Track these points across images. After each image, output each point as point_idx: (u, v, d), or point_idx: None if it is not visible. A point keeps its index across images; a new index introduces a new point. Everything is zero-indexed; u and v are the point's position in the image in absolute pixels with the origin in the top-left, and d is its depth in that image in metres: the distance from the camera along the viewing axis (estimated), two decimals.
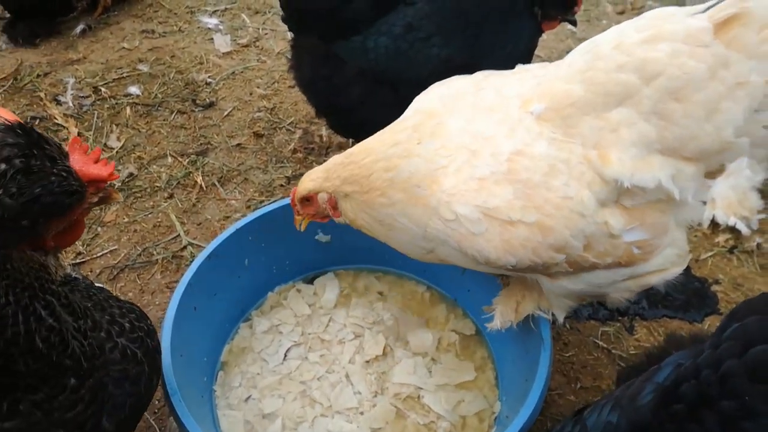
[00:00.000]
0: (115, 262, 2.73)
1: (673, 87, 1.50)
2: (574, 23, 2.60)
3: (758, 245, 2.74)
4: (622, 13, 4.51)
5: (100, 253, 2.76)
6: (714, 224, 2.80)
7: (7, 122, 1.22)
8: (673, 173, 1.55)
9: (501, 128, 1.67)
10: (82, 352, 1.41)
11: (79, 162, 1.33)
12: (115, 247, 2.80)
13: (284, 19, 2.77)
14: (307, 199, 1.92)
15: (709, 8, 1.51)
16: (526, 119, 1.66)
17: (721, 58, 1.47)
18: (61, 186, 1.24)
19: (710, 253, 2.73)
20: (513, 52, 2.57)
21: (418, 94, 1.97)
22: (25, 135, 1.22)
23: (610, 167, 1.55)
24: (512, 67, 1.93)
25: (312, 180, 1.89)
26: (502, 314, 1.98)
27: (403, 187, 1.70)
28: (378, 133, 1.85)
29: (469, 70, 1.99)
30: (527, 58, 2.60)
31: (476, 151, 1.65)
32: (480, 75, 1.91)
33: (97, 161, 1.37)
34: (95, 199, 1.42)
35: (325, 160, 3.18)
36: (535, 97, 1.67)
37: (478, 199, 1.60)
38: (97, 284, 1.76)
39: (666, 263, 1.70)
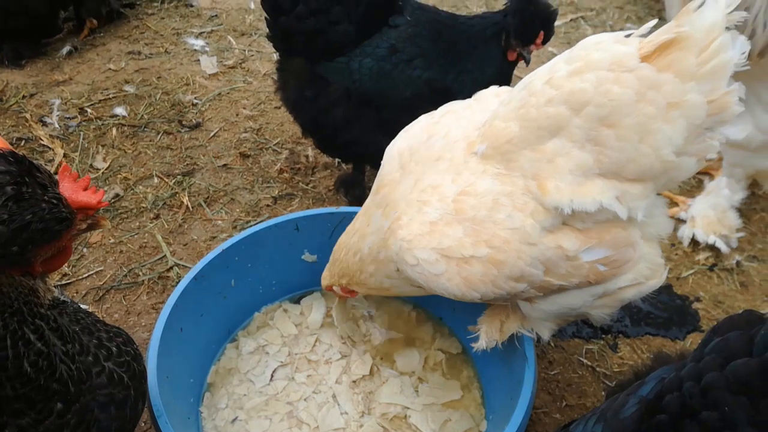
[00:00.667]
0: (101, 283, 2.72)
1: (602, 114, 1.54)
2: (527, 61, 2.66)
3: (738, 263, 2.80)
4: None
5: (86, 275, 2.75)
6: (694, 242, 2.88)
7: None
8: (617, 194, 1.59)
9: (447, 176, 1.76)
10: (69, 376, 1.40)
11: (68, 189, 1.35)
12: (101, 268, 2.79)
13: (270, 38, 2.80)
14: (330, 290, 2.27)
15: (643, 33, 1.56)
16: (471, 160, 1.75)
17: (649, 80, 1.51)
18: (51, 213, 1.25)
19: (691, 271, 2.77)
20: (479, 78, 2.65)
21: (401, 115, 2.06)
22: (16, 163, 1.23)
23: (548, 196, 1.60)
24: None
25: (324, 278, 2.24)
26: (487, 334, 2.00)
27: (371, 260, 1.96)
28: (347, 227, 2.12)
29: (448, 93, 2.05)
30: (500, 83, 2.67)
31: (426, 201, 1.75)
32: (438, 113, 2.01)
33: (86, 188, 1.39)
34: (84, 226, 1.43)
35: (311, 180, 3.23)
36: (478, 139, 1.76)
37: (432, 241, 1.69)
38: (83, 306, 1.76)
39: (638, 277, 1.73)
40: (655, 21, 1.56)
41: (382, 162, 2.03)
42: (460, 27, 2.68)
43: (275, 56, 4.21)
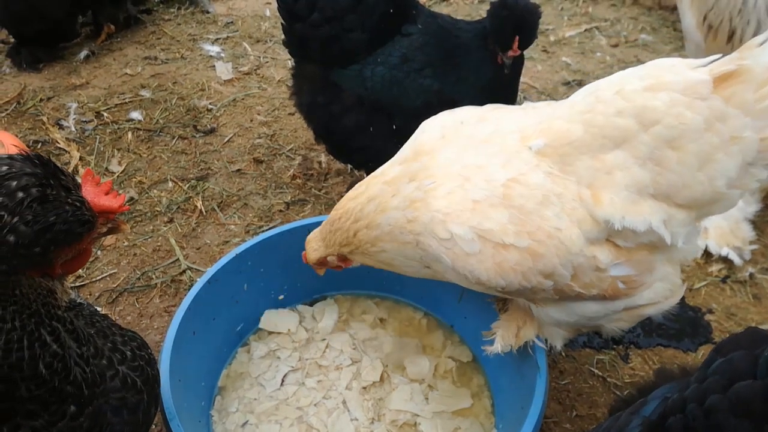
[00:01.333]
0: (114, 285, 2.74)
1: (670, 135, 1.55)
2: (506, 67, 2.59)
3: (751, 275, 2.78)
4: (615, 46, 4.60)
5: (100, 277, 2.78)
6: (707, 254, 2.86)
7: (25, 153, 1.27)
8: (665, 218, 1.60)
9: (495, 159, 1.71)
10: (83, 378, 1.42)
11: (91, 193, 1.37)
12: (115, 270, 2.82)
13: (286, 44, 2.83)
14: (321, 263, 2.11)
15: (711, 62, 1.57)
16: (523, 152, 1.70)
17: (718, 111, 1.53)
18: (74, 215, 1.27)
19: (704, 283, 2.76)
20: (476, 85, 2.64)
21: (412, 124, 2.02)
22: (42, 165, 1.25)
23: (601, 208, 1.60)
24: (483, 99, 2.00)
25: (315, 250, 2.06)
26: (503, 338, 2.00)
27: (389, 237, 1.81)
28: (351, 191, 1.94)
29: (453, 103, 2.04)
30: (498, 90, 2.64)
31: (468, 178, 1.70)
32: (489, 107, 1.96)
33: (108, 193, 1.41)
34: (104, 229, 1.45)
35: (323, 186, 3.25)
36: (536, 133, 1.72)
37: (473, 220, 1.64)
38: (97, 309, 1.77)
39: (658, 297, 1.75)
40: (719, 55, 1.58)
41: (417, 132, 1.95)
42: (457, 33, 2.67)
43: (290, 63, 4.24)
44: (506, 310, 2.04)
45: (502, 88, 2.68)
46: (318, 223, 2.41)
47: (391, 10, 2.65)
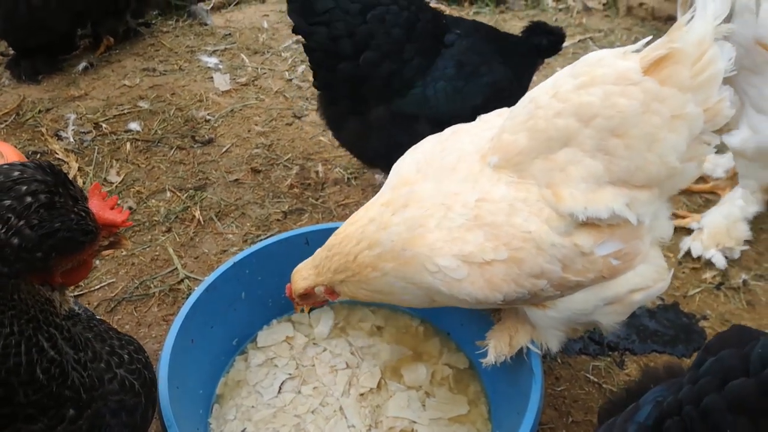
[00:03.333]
0: (113, 294, 2.76)
1: (610, 125, 1.61)
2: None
3: (744, 282, 2.80)
4: None
5: (98, 286, 2.80)
6: (696, 257, 2.89)
7: (38, 161, 1.31)
8: (627, 201, 1.66)
9: (466, 184, 1.80)
10: (81, 383, 1.44)
11: (96, 206, 1.42)
12: (113, 279, 2.83)
13: (321, 87, 2.83)
14: (305, 295, 2.06)
15: (642, 46, 1.63)
16: (485, 170, 1.79)
17: (653, 92, 1.58)
18: (79, 224, 1.31)
19: (698, 290, 2.78)
20: (515, 82, 2.82)
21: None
22: (53, 174, 1.30)
23: (563, 203, 1.66)
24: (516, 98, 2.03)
25: (305, 278, 2.03)
26: (496, 348, 2.02)
27: (391, 256, 1.82)
28: (350, 218, 1.97)
29: (508, 91, 2.21)
30: (522, 92, 2.79)
31: (450, 206, 1.78)
32: (447, 132, 2.04)
33: (113, 207, 1.45)
34: (106, 243, 1.49)
35: (320, 196, 3.27)
36: (490, 150, 1.81)
37: (454, 248, 1.73)
38: (94, 314, 1.79)
39: (646, 281, 1.79)
40: (650, 37, 1.64)
41: (391, 172, 2.03)
42: (502, 35, 2.90)
43: (287, 74, 4.30)
44: (500, 318, 2.06)
45: (523, 92, 2.79)
46: (316, 231, 2.46)
47: (431, 28, 2.72)
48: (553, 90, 1.69)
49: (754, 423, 1.13)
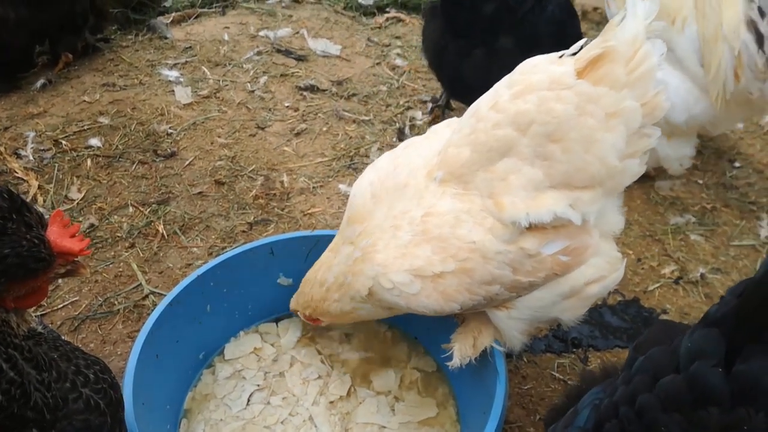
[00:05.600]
0: (76, 313, 2.72)
1: (547, 131, 1.66)
2: None
3: (702, 275, 2.88)
4: None
5: (61, 305, 2.75)
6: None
7: None
8: (570, 202, 1.71)
9: (413, 201, 1.86)
10: (45, 404, 1.42)
11: (55, 233, 1.41)
12: (76, 298, 2.79)
13: (463, 25, 3.41)
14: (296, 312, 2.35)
15: (577, 50, 1.69)
16: (431, 185, 1.85)
17: (586, 95, 1.63)
18: (30, 251, 1.31)
19: (657, 285, 2.85)
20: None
21: None
22: (9, 200, 1.30)
23: (505, 212, 1.71)
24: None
25: (291, 304, 2.35)
26: (461, 351, 2.05)
27: (336, 287, 2.04)
28: (318, 261, 2.21)
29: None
30: None
31: (398, 226, 1.84)
32: (400, 147, 2.11)
33: (73, 236, 1.45)
34: (63, 270, 1.48)
35: (286, 206, 3.27)
36: (436, 166, 1.86)
37: (405, 264, 1.79)
38: (59, 334, 1.77)
39: (600, 272, 1.83)
40: (584, 40, 1.70)
41: (351, 195, 2.10)
42: None
43: (249, 86, 4.30)
44: (463, 320, 2.09)
45: None
46: (280, 241, 2.47)
47: None
48: (492, 101, 1.75)
49: (687, 418, 1.16)
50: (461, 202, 1.77)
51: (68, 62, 4.49)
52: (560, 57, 1.70)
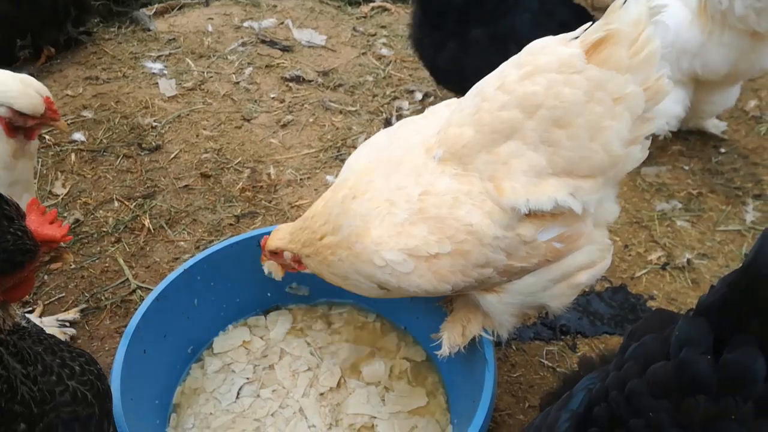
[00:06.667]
0: (63, 309, 2.69)
1: (554, 116, 1.63)
2: None
3: (688, 261, 2.90)
4: None
5: (48, 301, 2.73)
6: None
7: None
8: (571, 191, 1.68)
9: (410, 178, 1.81)
10: (32, 397, 1.41)
11: (35, 222, 1.39)
12: (63, 294, 2.77)
13: (435, 15, 3.42)
14: (275, 253, 2.11)
15: (582, 32, 1.65)
16: (429, 163, 1.81)
17: (596, 80, 1.60)
18: (15, 244, 1.29)
19: (644, 271, 2.87)
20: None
21: None
22: None
23: (505, 197, 1.68)
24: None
25: (279, 239, 2.08)
26: (450, 339, 2.05)
27: (346, 245, 1.85)
28: (324, 194, 2.02)
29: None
30: None
31: (394, 202, 1.79)
32: (396, 125, 2.07)
33: (52, 222, 1.43)
34: (47, 258, 1.46)
35: (273, 198, 3.26)
36: (435, 144, 1.82)
37: (399, 242, 1.74)
38: (43, 329, 1.76)
39: (591, 259, 1.82)
40: (590, 23, 1.65)
41: (344, 166, 2.06)
42: None
43: (234, 77, 4.27)
44: (452, 309, 2.09)
45: None
46: (267, 233, 2.44)
47: None
48: (498, 81, 1.70)
49: (675, 405, 1.16)
50: (460, 183, 1.73)
51: (50, 56, 4.43)
52: (567, 39, 1.65)
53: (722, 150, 3.67)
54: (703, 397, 1.12)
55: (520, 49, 2.08)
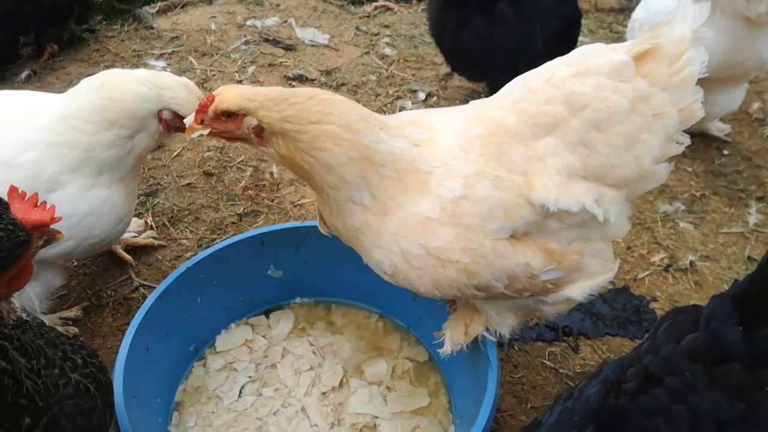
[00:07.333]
0: (65, 306, 2.69)
1: (597, 119, 1.63)
2: None
3: (691, 263, 2.90)
4: None
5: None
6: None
7: None
8: (597, 197, 1.67)
9: (458, 151, 1.73)
10: (36, 391, 1.41)
11: (20, 210, 1.38)
12: (65, 291, 2.77)
13: None
14: (229, 115, 1.68)
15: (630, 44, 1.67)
16: (473, 142, 1.72)
17: (642, 92, 1.61)
18: (10, 240, 1.29)
19: (647, 272, 2.86)
20: None
21: None
22: None
23: (536, 193, 1.65)
24: None
25: (243, 98, 1.65)
26: (452, 338, 2.04)
27: (363, 157, 1.65)
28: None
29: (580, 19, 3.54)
30: None
31: (450, 169, 1.70)
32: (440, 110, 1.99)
33: (36, 206, 1.41)
34: (41, 243, 1.45)
35: (276, 197, 3.25)
36: (475, 121, 1.76)
37: (423, 237, 1.68)
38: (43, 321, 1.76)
39: (591, 273, 1.82)
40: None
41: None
42: None
43: (237, 75, 4.26)
44: (455, 309, 2.09)
45: None
46: (271, 232, 2.45)
47: None
48: (547, 75, 1.70)
49: (708, 371, 1.23)
50: (500, 190, 1.67)
51: (53, 53, 4.43)
52: (614, 48, 1.68)
53: (725, 152, 3.66)
54: (737, 366, 1.20)
55: (544, 27, 2.12)
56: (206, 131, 1.75)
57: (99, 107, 2.18)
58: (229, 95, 1.67)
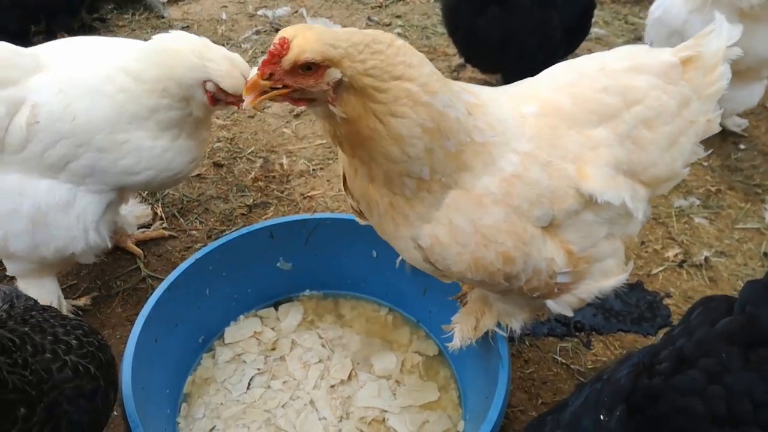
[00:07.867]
0: (75, 296, 2.69)
1: (648, 116, 1.66)
2: None
3: (706, 259, 2.85)
4: None
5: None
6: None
7: None
8: (632, 194, 1.68)
9: (512, 124, 1.64)
10: (25, 382, 1.40)
11: None
12: (74, 281, 2.77)
13: None
14: (309, 67, 1.37)
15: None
16: (527, 119, 1.65)
17: (686, 97, 1.67)
18: None
19: (661, 268, 2.82)
20: None
21: None
22: None
23: (586, 182, 1.62)
24: None
25: (331, 46, 1.35)
26: (462, 332, 2.02)
27: (446, 128, 1.48)
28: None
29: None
30: None
31: (508, 143, 1.60)
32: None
33: None
34: None
35: (286, 188, 3.23)
36: (527, 99, 1.70)
37: (475, 212, 1.58)
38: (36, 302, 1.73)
39: (610, 272, 1.79)
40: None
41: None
42: None
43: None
44: (465, 302, 2.07)
45: None
46: (281, 224, 2.43)
47: None
48: (599, 65, 1.71)
49: (744, 353, 1.26)
50: (550, 177, 1.60)
51: None
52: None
53: (742, 146, 3.60)
54: None
55: (561, 15, 2.13)
56: (264, 96, 1.41)
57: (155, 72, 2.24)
58: (309, 41, 1.34)
